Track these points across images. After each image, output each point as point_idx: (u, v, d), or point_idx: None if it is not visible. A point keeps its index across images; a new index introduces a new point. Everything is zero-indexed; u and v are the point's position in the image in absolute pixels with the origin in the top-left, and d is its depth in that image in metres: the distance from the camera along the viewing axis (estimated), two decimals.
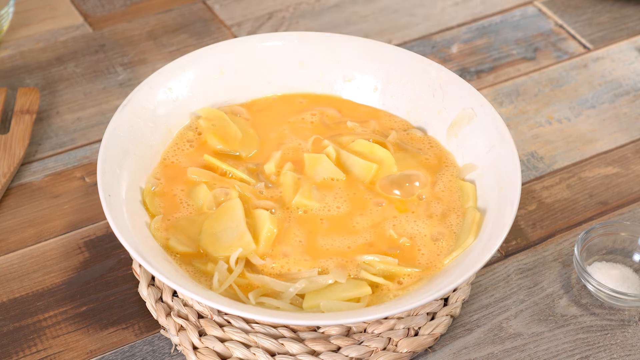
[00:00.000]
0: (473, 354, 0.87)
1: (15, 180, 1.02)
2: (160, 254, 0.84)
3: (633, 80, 1.16)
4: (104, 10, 1.24)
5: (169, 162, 0.94)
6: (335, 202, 0.90)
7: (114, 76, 1.15)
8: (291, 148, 0.95)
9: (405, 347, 0.86)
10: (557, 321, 0.90)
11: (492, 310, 0.91)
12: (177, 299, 0.88)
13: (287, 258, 0.86)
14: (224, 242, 0.86)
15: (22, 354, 0.86)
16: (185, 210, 0.89)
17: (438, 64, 0.97)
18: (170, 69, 0.96)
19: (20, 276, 0.93)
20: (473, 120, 0.94)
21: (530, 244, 0.97)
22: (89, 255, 0.95)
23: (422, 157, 0.95)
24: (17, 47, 1.18)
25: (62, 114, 1.10)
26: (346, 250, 0.87)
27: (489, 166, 0.91)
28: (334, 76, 1.01)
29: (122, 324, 0.89)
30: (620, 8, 1.26)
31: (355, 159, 0.93)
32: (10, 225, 0.97)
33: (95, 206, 0.99)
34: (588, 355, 0.87)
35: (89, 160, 1.04)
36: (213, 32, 1.22)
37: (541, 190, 1.02)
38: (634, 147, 1.07)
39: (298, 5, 1.26)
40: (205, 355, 0.85)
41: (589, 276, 0.90)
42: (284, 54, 1.00)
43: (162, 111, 0.95)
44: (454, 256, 0.86)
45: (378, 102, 1.00)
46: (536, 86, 1.15)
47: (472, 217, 0.88)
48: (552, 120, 1.10)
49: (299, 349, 0.85)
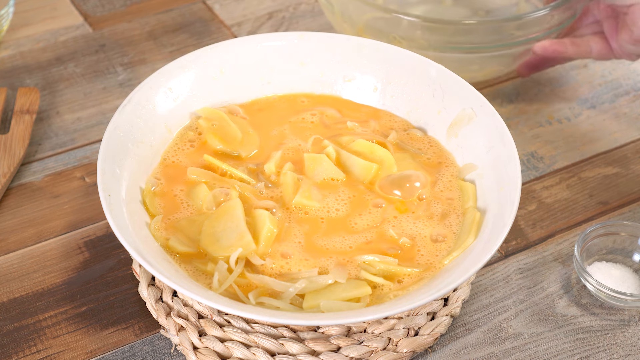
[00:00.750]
0: (473, 354, 0.87)
1: (15, 180, 1.02)
2: (160, 254, 0.84)
3: (633, 80, 1.16)
4: (104, 10, 1.24)
5: (169, 162, 0.94)
6: (335, 202, 0.90)
7: (114, 76, 1.15)
8: (291, 148, 0.95)
9: (405, 347, 0.86)
10: (557, 321, 0.90)
11: (492, 310, 0.91)
12: (177, 299, 0.88)
13: (287, 258, 0.86)
14: (224, 242, 0.86)
15: (22, 354, 0.86)
16: (185, 210, 0.89)
17: (438, 64, 0.97)
18: (170, 69, 0.96)
19: (20, 276, 0.93)
20: (473, 120, 0.94)
21: (530, 244, 0.97)
22: (89, 255, 0.95)
23: (422, 157, 0.95)
24: (17, 47, 1.18)
25: (62, 114, 1.10)
26: (346, 250, 0.87)
27: (489, 166, 0.91)
28: (334, 76, 1.01)
29: (122, 324, 0.89)
30: None
31: (355, 159, 0.93)
32: (10, 225, 0.97)
33: (95, 206, 0.99)
34: (588, 355, 0.87)
35: (89, 160, 1.04)
36: (213, 32, 1.22)
37: (541, 190, 1.02)
38: (634, 147, 1.08)
39: (298, 5, 1.26)
40: (205, 355, 0.85)
41: (589, 276, 0.90)
42: (284, 54, 1.00)
43: (162, 111, 0.95)
44: (454, 256, 0.86)
45: (378, 102, 1.00)
46: (536, 86, 1.15)
47: (472, 217, 0.88)
48: (552, 120, 1.11)
49: (299, 349, 0.85)
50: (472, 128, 0.94)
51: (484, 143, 0.92)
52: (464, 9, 1.19)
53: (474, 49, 1.06)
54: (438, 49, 1.05)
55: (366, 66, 1.00)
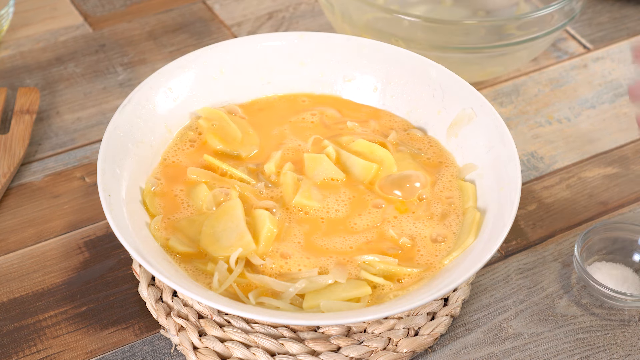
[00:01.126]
0: (473, 354, 0.87)
1: (15, 180, 1.02)
2: (160, 254, 0.84)
3: (633, 80, 1.16)
4: (104, 10, 1.24)
5: (169, 162, 0.94)
6: (335, 202, 0.90)
7: (114, 76, 1.15)
8: (291, 148, 0.95)
9: (405, 347, 0.86)
10: (557, 321, 0.90)
11: (492, 310, 0.91)
12: (177, 299, 0.88)
13: (287, 258, 0.86)
14: (224, 242, 0.86)
15: (22, 354, 0.86)
16: (185, 210, 0.89)
17: (438, 64, 0.97)
18: (170, 69, 0.96)
19: (20, 276, 0.93)
20: (473, 120, 0.94)
21: (530, 244, 0.97)
22: (89, 255, 0.95)
23: (422, 157, 0.95)
24: (17, 47, 1.18)
25: (62, 114, 1.10)
26: (346, 250, 0.87)
27: (489, 166, 0.91)
28: (334, 76, 1.01)
29: (122, 324, 0.89)
30: (620, 8, 1.26)
31: (355, 159, 0.93)
32: (10, 225, 0.97)
33: (95, 206, 0.99)
34: (588, 355, 0.87)
35: (89, 160, 1.04)
36: (213, 32, 1.22)
37: (541, 190, 1.02)
38: (634, 147, 1.07)
39: (298, 5, 1.26)
40: (205, 355, 0.85)
41: (589, 276, 0.89)
42: (284, 54, 1.00)
43: (162, 111, 0.95)
44: (454, 256, 0.86)
45: (378, 102, 1.00)
46: (536, 86, 1.15)
47: (472, 217, 0.88)
48: (552, 120, 1.10)
49: (299, 349, 0.85)
50: (472, 128, 0.94)
51: (484, 143, 0.92)
52: (464, 9, 1.19)
53: (474, 49, 1.06)
54: (438, 49, 1.05)
55: (366, 66, 1.00)
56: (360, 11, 1.07)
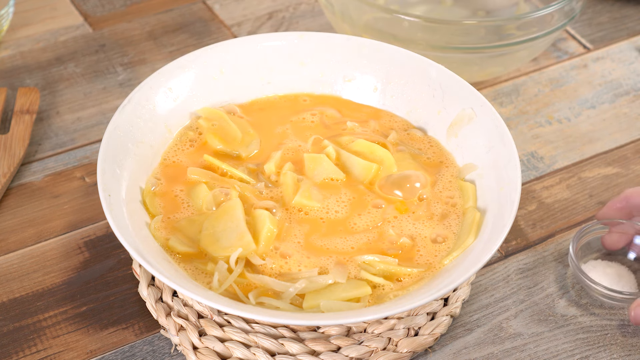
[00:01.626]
0: (473, 354, 0.87)
1: (15, 180, 1.02)
2: (160, 254, 0.84)
3: (633, 80, 1.16)
4: (104, 10, 1.24)
5: (169, 162, 0.94)
6: (335, 202, 0.90)
7: (114, 76, 1.15)
8: (291, 148, 0.95)
9: (405, 347, 0.86)
10: (557, 321, 0.90)
11: (492, 310, 0.91)
12: (177, 299, 0.88)
13: (287, 258, 0.86)
14: (224, 242, 0.86)
15: (22, 354, 0.86)
16: (185, 210, 0.89)
17: (438, 64, 0.97)
18: (170, 69, 0.96)
19: (20, 276, 0.93)
20: (473, 120, 0.94)
21: (530, 244, 0.97)
22: (89, 255, 0.95)
23: (422, 157, 0.95)
24: (17, 47, 1.18)
25: (62, 114, 1.10)
26: (346, 250, 0.87)
27: (489, 166, 0.91)
28: (334, 76, 1.01)
29: (122, 324, 0.89)
30: (620, 8, 1.26)
31: (355, 159, 0.93)
32: (10, 225, 0.97)
33: (95, 206, 0.99)
34: (588, 355, 0.87)
35: (89, 160, 1.04)
36: (213, 32, 1.22)
37: (541, 190, 1.02)
38: (634, 147, 1.07)
39: (298, 5, 1.26)
40: (205, 355, 0.85)
41: (584, 274, 0.89)
42: (284, 54, 1.00)
43: (162, 111, 0.95)
44: (454, 256, 0.86)
45: (378, 102, 1.00)
46: (536, 86, 1.15)
47: (472, 217, 0.88)
48: (552, 120, 1.10)
49: (299, 349, 0.85)
50: (472, 128, 0.94)
51: (484, 143, 0.92)
52: (464, 9, 1.19)
53: (474, 49, 1.06)
54: (438, 49, 1.05)
55: (366, 66, 1.00)
56: (360, 11, 1.07)
